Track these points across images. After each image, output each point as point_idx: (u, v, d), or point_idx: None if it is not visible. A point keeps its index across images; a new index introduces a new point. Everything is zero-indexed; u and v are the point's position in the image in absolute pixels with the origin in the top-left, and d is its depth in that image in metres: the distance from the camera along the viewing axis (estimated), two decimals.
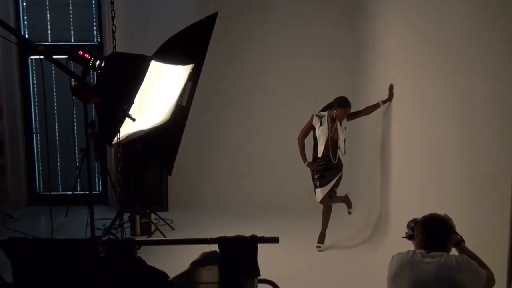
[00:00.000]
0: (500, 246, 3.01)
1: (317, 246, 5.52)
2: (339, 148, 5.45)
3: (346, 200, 5.73)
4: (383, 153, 5.68)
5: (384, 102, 5.43)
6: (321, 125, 5.40)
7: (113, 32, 3.22)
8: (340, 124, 5.39)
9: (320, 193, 5.49)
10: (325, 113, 5.42)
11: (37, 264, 2.37)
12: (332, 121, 5.40)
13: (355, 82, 6.94)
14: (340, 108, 5.33)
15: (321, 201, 5.54)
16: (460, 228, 2.82)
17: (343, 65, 7.20)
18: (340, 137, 5.40)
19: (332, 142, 5.41)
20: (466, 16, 3.64)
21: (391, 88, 5.37)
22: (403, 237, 2.87)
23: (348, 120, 5.46)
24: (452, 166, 3.84)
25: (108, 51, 6.96)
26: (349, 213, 5.82)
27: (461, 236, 2.78)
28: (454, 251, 2.72)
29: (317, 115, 5.45)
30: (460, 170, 3.69)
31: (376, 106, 5.49)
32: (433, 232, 2.63)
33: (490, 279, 2.61)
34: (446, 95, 3.94)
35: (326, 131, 5.38)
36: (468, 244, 2.82)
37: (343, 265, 5.12)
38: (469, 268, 2.51)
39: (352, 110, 5.57)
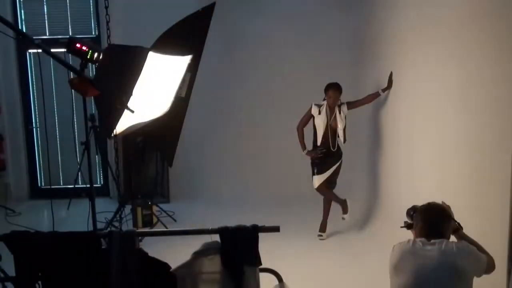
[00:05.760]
0: (499, 233, 3.02)
1: (319, 235, 5.54)
2: (338, 137, 5.44)
3: (343, 204, 5.59)
4: (383, 142, 5.68)
5: (383, 90, 5.43)
6: (319, 114, 5.40)
7: (107, 22, 3.21)
8: (340, 113, 5.39)
9: (317, 180, 5.48)
10: (324, 102, 5.42)
11: (39, 258, 2.38)
12: (331, 110, 5.40)
13: (356, 70, 6.92)
14: (328, 91, 5.33)
15: (318, 188, 5.52)
16: (459, 215, 2.83)
17: (343, 54, 7.17)
18: (339, 125, 5.40)
19: (331, 131, 5.40)
20: (466, 2, 3.62)
21: (390, 76, 5.36)
22: (401, 227, 2.90)
23: (348, 108, 5.45)
24: (451, 154, 3.83)
25: (106, 43, 6.93)
26: (343, 218, 5.62)
27: (458, 223, 2.80)
28: (453, 238, 2.73)
29: (316, 104, 5.45)
30: (459, 158, 3.69)
31: (376, 95, 5.49)
32: (432, 220, 2.65)
33: (490, 264, 2.64)
34: (446, 83, 3.93)
35: (325, 120, 5.38)
36: (468, 230, 2.83)
37: (345, 254, 5.13)
38: (469, 254, 2.53)
39: (353, 99, 5.58)
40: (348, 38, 7.12)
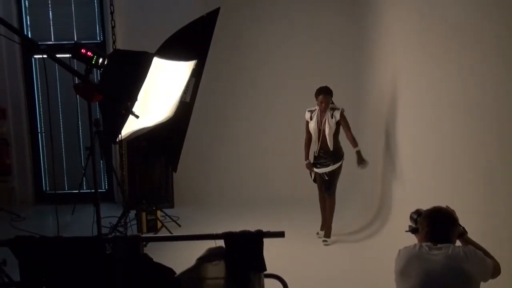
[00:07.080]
0: (505, 237, 3.00)
1: (324, 240, 5.52)
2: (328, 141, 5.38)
3: (329, 221, 5.58)
4: (387, 146, 5.66)
5: (359, 158, 5.32)
6: (311, 119, 5.40)
7: (112, 27, 3.22)
8: (331, 117, 5.33)
9: (313, 173, 5.59)
10: (316, 106, 5.40)
11: (44, 262, 2.38)
12: (321, 114, 5.38)
13: (359, 70, 6.91)
14: (319, 96, 5.33)
15: (314, 180, 5.64)
16: (465, 217, 2.82)
17: (346, 54, 7.17)
18: (326, 130, 5.33)
19: (323, 135, 5.40)
20: (467, 3, 3.62)
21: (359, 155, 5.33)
22: (406, 231, 2.88)
23: (340, 118, 5.32)
24: (456, 158, 3.82)
25: (111, 49, 6.96)
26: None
27: (463, 228, 2.78)
28: (458, 243, 2.71)
29: (309, 110, 5.46)
30: (465, 160, 3.67)
31: (353, 144, 5.35)
32: (438, 224, 2.64)
33: (496, 268, 2.62)
34: (452, 83, 3.91)
35: (316, 125, 5.38)
36: (473, 235, 2.82)
37: (350, 259, 5.11)
38: (476, 258, 2.51)
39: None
40: (352, 37, 7.11)
